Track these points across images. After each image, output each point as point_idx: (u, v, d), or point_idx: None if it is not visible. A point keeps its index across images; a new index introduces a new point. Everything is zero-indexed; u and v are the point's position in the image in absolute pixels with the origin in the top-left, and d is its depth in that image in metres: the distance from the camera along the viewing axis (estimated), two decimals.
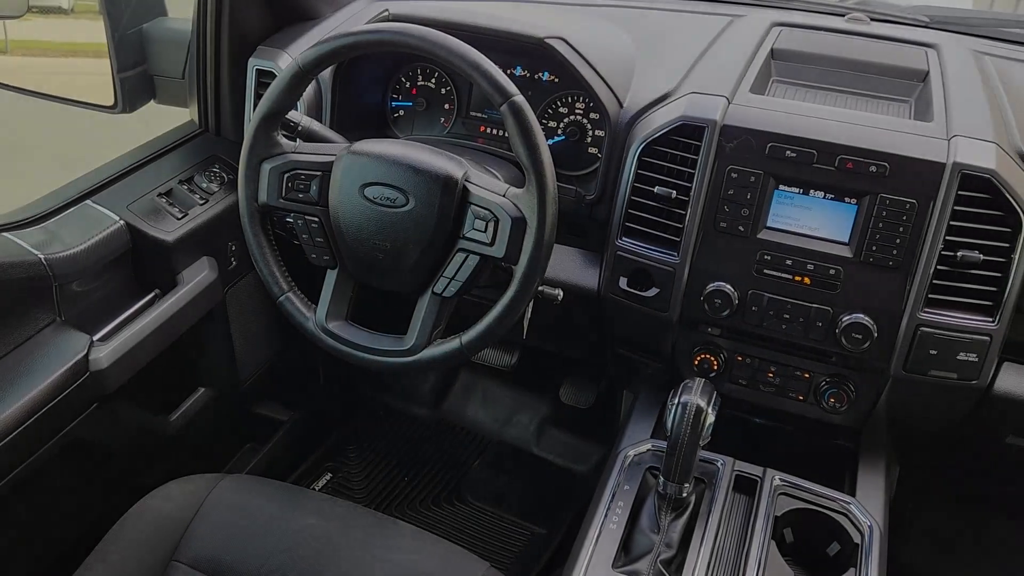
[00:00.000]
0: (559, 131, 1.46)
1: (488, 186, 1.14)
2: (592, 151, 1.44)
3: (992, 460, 1.53)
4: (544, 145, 1.08)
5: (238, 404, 1.83)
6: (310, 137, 1.30)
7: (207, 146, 1.66)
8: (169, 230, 1.46)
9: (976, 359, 1.18)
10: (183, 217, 1.50)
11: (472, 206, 1.13)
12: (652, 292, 1.30)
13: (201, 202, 1.54)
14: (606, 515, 1.16)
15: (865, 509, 1.20)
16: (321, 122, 1.45)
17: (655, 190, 1.26)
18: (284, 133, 1.23)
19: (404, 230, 1.14)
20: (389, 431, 2.21)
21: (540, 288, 1.22)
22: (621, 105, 1.36)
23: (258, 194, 1.21)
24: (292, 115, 1.26)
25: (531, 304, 1.25)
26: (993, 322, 1.16)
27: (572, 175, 1.45)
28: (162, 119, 1.70)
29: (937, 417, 1.32)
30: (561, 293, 1.26)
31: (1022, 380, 1.24)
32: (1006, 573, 1.86)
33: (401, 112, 1.57)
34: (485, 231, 1.12)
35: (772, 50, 1.43)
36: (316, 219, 1.20)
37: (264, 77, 1.54)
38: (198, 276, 1.51)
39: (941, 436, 1.37)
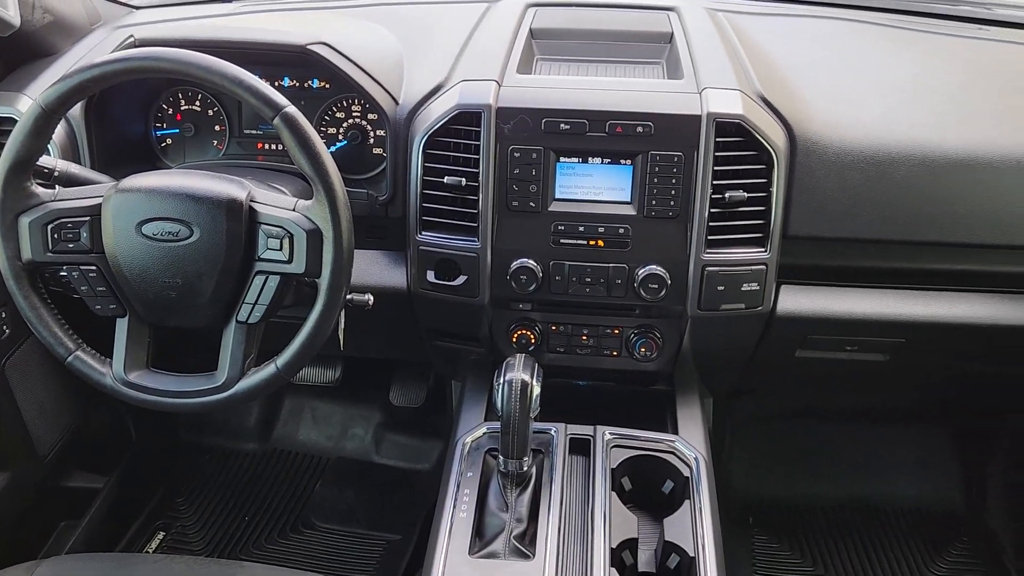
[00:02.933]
0: (340, 136, 1.44)
1: (276, 203, 1.11)
2: (377, 152, 1.44)
3: (788, 375, 1.69)
4: (325, 153, 1.07)
5: (42, 481, 1.67)
6: (70, 181, 1.20)
7: None
8: None
9: (758, 287, 1.30)
10: None
11: (262, 226, 1.09)
12: (460, 280, 1.32)
13: None
14: (454, 506, 1.17)
15: (689, 444, 1.29)
16: (80, 163, 1.34)
17: (445, 180, 1.27)
18: (39, 182, 1.13)
19: (193, 262, 1.08)
20: (220, 473, 2.10)
21: (349, 296, 1.20)
22: (397, 102, 1.36)
23: (21, 252, 1.10)
24: (44, 160, 1.16)
25: (343, 314, 1.23)
26: (766, 251, 1.28)
27: (361, 178, 1.43)
28: None
29: (734, 346, 1.43)
30: (371, 298, 1.25)
31: (798, 299, 1.38)
32: (820, 472, 2.06)
33: (169, 140, 1.49)
34: (281, 249, 1.09)
35: (531, 30, 1.49)
36: (93, 267, 1.11)
37: (3, 124, 1.40)
38: None
39: (741, 362, 1.50)
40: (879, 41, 1.57)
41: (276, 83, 1.43)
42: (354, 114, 1.43)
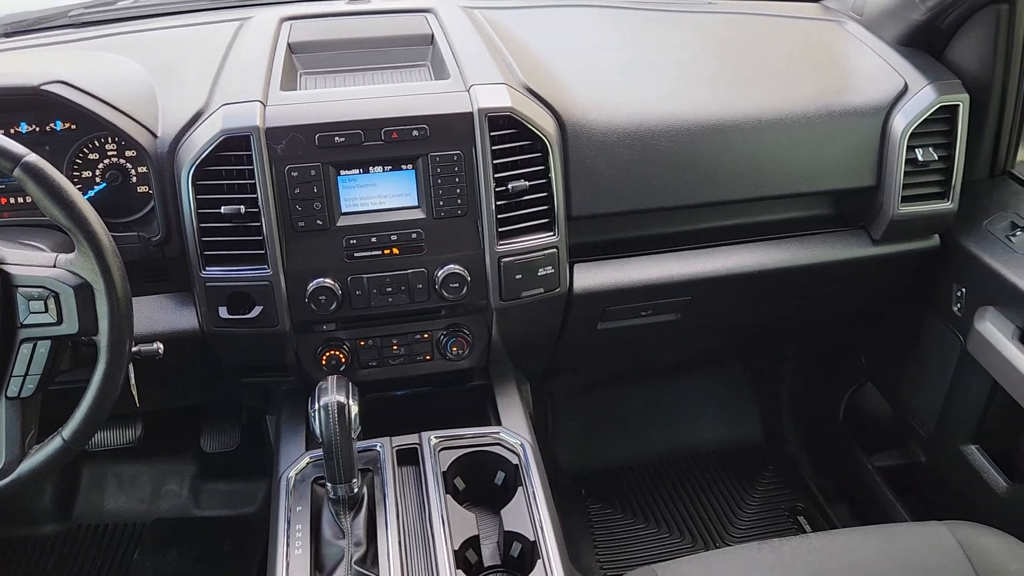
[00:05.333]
0: (97, 179, 1.33)
1: (31, 261, 1.01)
2: (142, 190, 1.34)
3: (594, 348, 1.77)
4: (80, 200, 0.98)
5: None
6: None
7: None
8: None
9: (552, 270, 1.34)
10: None
11: (20, 288, 0.99)
12: (256, 311, 1.26)
13: None
14: (288, 544, 1.13)
15: (513, 432, 1.32)
16: None
17: (222, 211, 1.21)
18: None
19: None
20: (17, 566, 1.89)
21: (135, 348, 1.11)
22: (155, 135, 1.27)
23: None
24: None
25: (132, 368, 1.14)
26: (554, 235, 1.33)
27: (129, 220, 1.33)
28: None
29: (541, 330, 1.48)
30: (161, 346, 1.16)
31: (592, 275, 1.44)
32: (637, 432, 2.18)
33: None
34: (47, 311, 0.99)
35: (290, 44, 1.45)
36: None
37: None
38: None
39: (549, 344, 1.55)
40: (628, 25, 1.66)
41: (12, 131, 1.29)
42: (109, 153, 1.32)
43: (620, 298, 1.48)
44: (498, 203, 1.28)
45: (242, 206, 1.21)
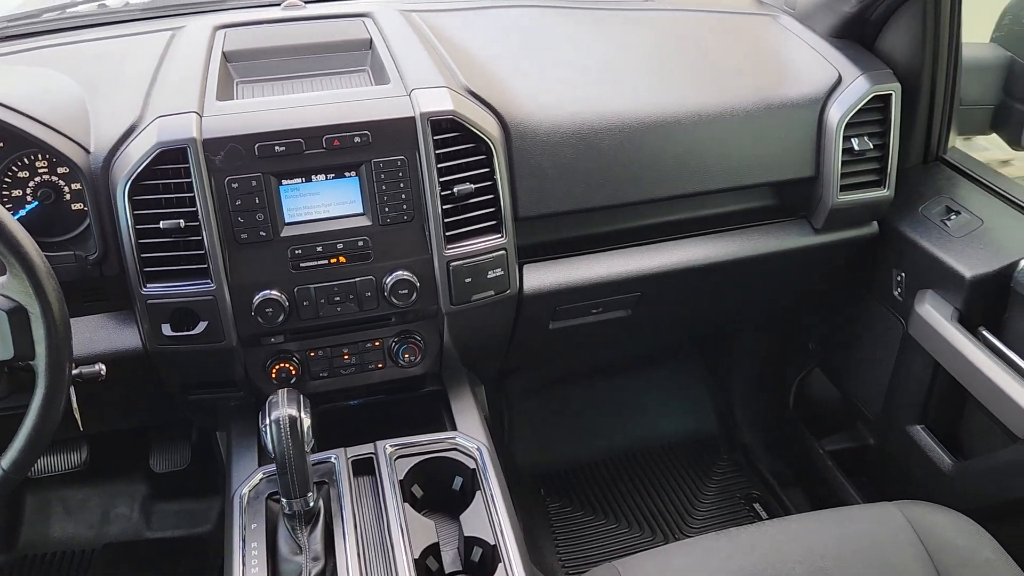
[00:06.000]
0: (28, 198, 1.28)
1: None
2: (77, 207, 1.30)
3: (547, 347, 1.77)
4: (9, 220, 0.95)
5: None
6: None
7: None
8: None
9: (502, 272, 1.34)
10: None
11: None
12: (201, 327, 1.23)
13: None
14: (244, 563, 1.10)
15: (469, 436, 1.31)
16: None
17: (161, 226, 1.18)
18: None
19: None
20: None
21: (76, 371, 1.08)
22: (87, 150, 1.24)
23: None
24: None
25: (73, 391, 1.11)
26: (502, 237, 1.33)
27: (64, 239, 1.29)
28: None
29: (493, 332, 1.48)
30: (103, 367, 1.13)
31: (542, 275, 1.44)
32: (594, 429, 2.19)
33: None
34: None
35: (224, 54, 1.42)
36: None
37: None
38: None
39: (502, 346, 1.55)
40: (567, 24, 1.67)
41: None
42: (40, 171, 1.28)
43: (570, 297, 1.48)
44: (444, 207, 1.27)
45: (181, 220, 1.18)
